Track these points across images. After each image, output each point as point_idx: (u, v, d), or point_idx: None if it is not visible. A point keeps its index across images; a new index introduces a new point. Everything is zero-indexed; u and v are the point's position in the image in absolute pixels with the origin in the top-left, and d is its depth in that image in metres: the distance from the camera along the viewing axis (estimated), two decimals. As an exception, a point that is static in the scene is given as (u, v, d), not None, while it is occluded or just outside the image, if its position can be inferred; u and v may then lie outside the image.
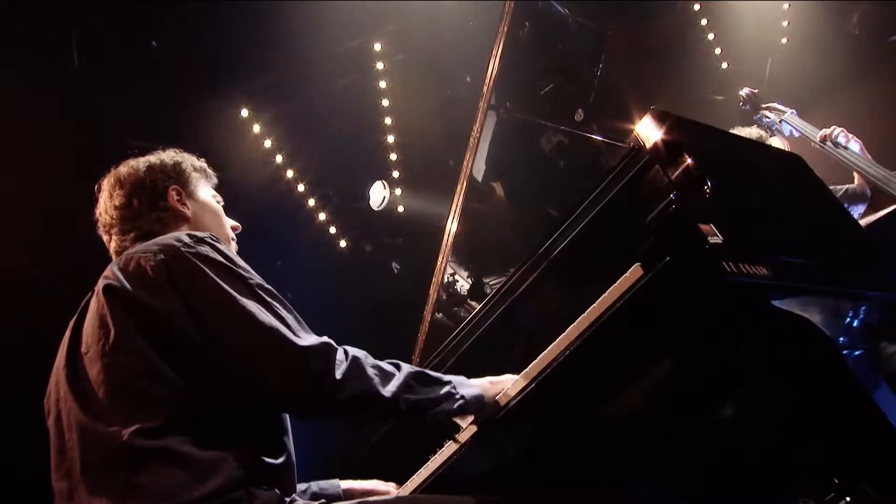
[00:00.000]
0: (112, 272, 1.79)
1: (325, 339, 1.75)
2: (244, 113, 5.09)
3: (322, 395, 1.68)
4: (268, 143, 5.31)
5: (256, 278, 1.80)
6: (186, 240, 1.79)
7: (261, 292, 1.77)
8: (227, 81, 4.80)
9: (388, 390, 1.75)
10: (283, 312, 1.75)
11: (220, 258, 1.78)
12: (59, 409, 1.82)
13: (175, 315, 1.70)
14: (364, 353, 1.80)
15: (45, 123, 3.96)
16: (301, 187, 5.64)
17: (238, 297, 1.71)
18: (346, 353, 1.75)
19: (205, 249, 1.78)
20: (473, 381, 1.94)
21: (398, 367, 1.83)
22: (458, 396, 1.86)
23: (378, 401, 1.74)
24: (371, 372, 1.76)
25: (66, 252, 3.70)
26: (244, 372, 1.69)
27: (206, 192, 2.18)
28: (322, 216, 5.87)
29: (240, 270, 1.78)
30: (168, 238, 1.83)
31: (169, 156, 2.15)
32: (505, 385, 1.93)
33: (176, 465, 1.60)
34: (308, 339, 1.72)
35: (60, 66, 4.05)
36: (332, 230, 6.02)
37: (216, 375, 1.69)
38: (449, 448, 2.00)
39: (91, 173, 2.16)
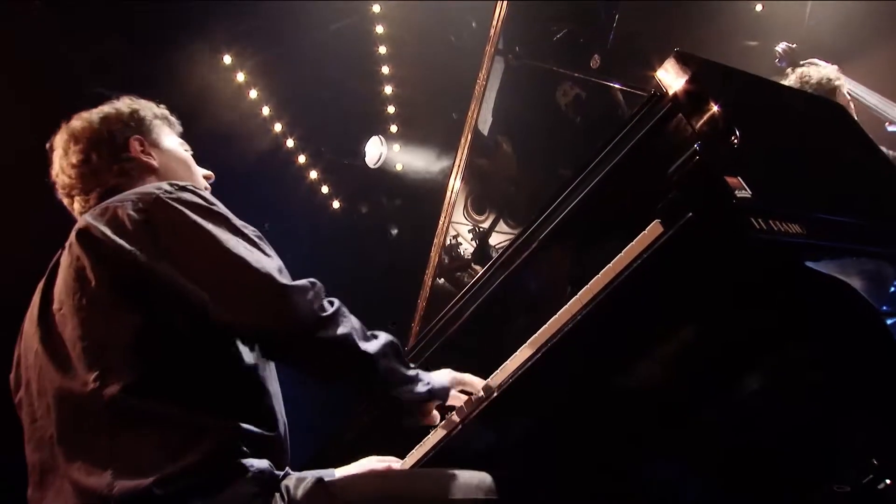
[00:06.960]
0: (87, 222, 1.78)
1: (312, 279, 1.77)
2: (227, 60, 5.04)
3: (308, 327, 1.70)
4: (253, 94, 5.27)
5: (240, 222, 1.81)
6: (167, 187, 1.80)
7: (246, 232, 1.78)
8: (207, 23, 4.74)
9: (370, 347, 1.79)
10: (269, 252, 1.77)
11: (202, 202, 1.78)
12: (28, 377, 1.83)
13: (155, 263, 1.69)
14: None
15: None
16: (290, 142, 5.62)
17: (222, 236, 1.72)
18: (331, 301, 1.78)
19: (186, 195, 1.78)
20: (434, 373, 1.98)
21: (377, 335, 1.86)
22: (426, 381, 1.89)
23: (358, 352, 1.76)
24: (357, 324, 1.79)
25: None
26: (227, 310, 1.68)
27: (171, 140, 2.19)
28: (314, 174, 5.86)
29: (223, 212, 1.79)
30: (148, 187, 1.84)
31: (125, 104, 2.15)
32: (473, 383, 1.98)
33: (160, 429, 1.60)
34: (292, 280, 1.74)
35: (19, 4, 3.97)
36: (325, 189, 6.01)
37: (199, 326, 1.69)
38: (448, 423, 1.99)
39: (52, 129, 2.12)
